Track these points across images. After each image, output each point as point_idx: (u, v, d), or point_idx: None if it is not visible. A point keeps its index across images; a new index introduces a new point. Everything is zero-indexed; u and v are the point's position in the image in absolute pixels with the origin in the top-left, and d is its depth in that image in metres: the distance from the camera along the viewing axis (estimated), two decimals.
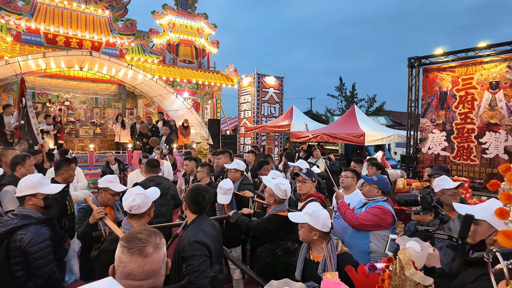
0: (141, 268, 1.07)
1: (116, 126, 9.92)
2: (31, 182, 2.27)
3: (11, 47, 10.02)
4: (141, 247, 1.09)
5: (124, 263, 1.07)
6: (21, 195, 2.24)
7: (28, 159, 3.61)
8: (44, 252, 2.10)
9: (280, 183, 2.49)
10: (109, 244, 1.92)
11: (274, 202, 2.53)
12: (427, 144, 7.26)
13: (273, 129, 11.41)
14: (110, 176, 2.76)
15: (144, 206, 2.06)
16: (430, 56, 7.27)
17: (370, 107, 20.74)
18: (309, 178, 2.96)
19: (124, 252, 1.09)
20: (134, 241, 1.10)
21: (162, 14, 13.51)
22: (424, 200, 2.18)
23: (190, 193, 2.16)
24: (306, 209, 2.01)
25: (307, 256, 2.05)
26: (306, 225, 1.96)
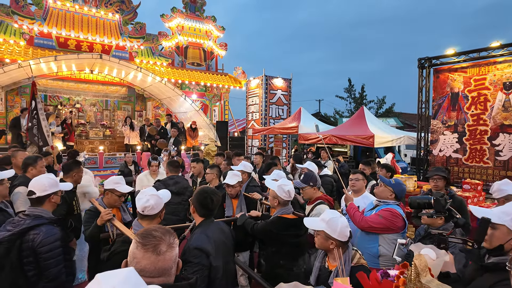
0: (153, 265, 1.08)
1: (125, 129, 10.02)
2: (53, 181, 2.32)
3: (24, 51, 10.23)
4: (156, 244, 1.10)
5: (137, 259, 1.09)
6: (46, 193, 2.24)
7: (39, 160, 3.67)
8: (54, 253, 2.11)
9: (282, 184, 2.45)
10: (120, 245, 1.91)
11: (278, 204, 2.48)
12: (438, 146, 7.13)
13: (281, 131, 11.37)
14: (116, 177, 2.76)
15: (157, 207, 2.06)
16: (441, 56, 7.16)
17: (379, 108, 20.53)
18: (306, 185, 2.91)
19: (138, 248, 1.10)
20: (149, 238, 1.12)
21: (171, 17, 13.64)
22: (437, 203, 2.09)
23: (198, 196, 2.12)
24: (323, 215, 1.92)
25: (323, 263, 2.00)
26: (322, 233, 1.88)
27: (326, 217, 1.89)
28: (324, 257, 2.01)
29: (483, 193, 5.24)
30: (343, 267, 1.76)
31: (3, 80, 8.59)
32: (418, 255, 1.17)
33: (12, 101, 10.68)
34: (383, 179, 2.94)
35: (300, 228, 2.43)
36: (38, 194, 2.22)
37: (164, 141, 8.99)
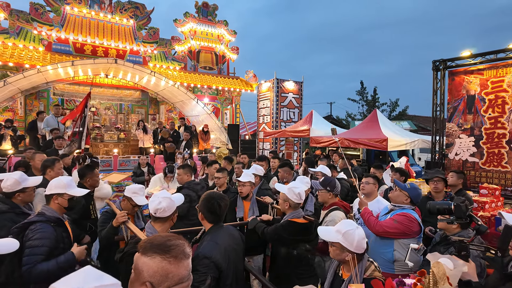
0: (187, 269, 1.09)
1: (139, 132, 10.19)
2: (61, 183, 2.38)
3: (43, 56, 10.56)
4: (183, 250, 1.10)
5: (173, 273, 1.05)
6: (49, 193, 2.35)
7: (57, 162, 3.77)
8: (36, 249, 2.08)
9: (293, 187, 2.44)
10: (133, 246, 1.95)
11: (289, 207, 2.47)
12: (454, 149, 6.97)
13: (292, 134, 11.33)
14: (136, 186, 2.80)
15: (169, 210, 2.08)
16: (457, 58, 7.02)
17: (392, 111, 20.21)
18: (323, 188, 2.88)
19: (171, 263, 1.05)
20: (175, 248, 1.09)
21: (184, 22, 13.84)
22: (458, 209, 1.99)
23: (205, 202, 2.11)
24: (339, 226, 1.87)
25: (337, 271, 1.97)
26: (338, 245, 1.82)
27: (342, 229, 1.83)
28: (339, 265, 1.98)
29: (501, 198, 5.08)
30: (358, 276, 1.73)
31: (23, 84, 8.87)
32: (437, 262, 1.14)
33: (31, 105, 11.03)
34: (398, 183, 2.90)
35: (311, 232, 2.42)
36: (45, 192, 2.37)
37: (172, 145, 9.10)
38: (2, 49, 9.99)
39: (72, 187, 2.43)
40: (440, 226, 2.45)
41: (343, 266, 1.92)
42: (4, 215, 2.47)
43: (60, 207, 2.37)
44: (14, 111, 10.46)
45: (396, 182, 2.96)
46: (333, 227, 1.90)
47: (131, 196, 2.70)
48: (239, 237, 2.25)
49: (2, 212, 2.48)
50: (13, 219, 2.47)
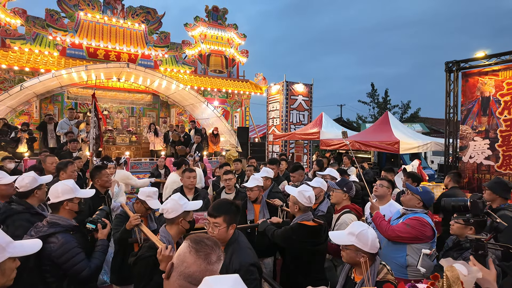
0: (202, 274, 1.05)
1: (150, 135, 10.33)
2: (68, 187, 2.25)
3: (57, 61, 10.82)
4: (208, 253, 1.09)
5: (188, 263, 1.07)
6: (58, 200, 2.21)
7: (70, 165, 3.84)
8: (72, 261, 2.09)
9: (303, 190, 2.42)
10: (146, 250, 1.95)
11: (298, 210, 2.45)
12: (468, 152, 6.82)
13: (302, 137, 11.29)
14: (150, 190, 2.83)
15: (173, 211, 2.07)
16: (470, 59, 6.89)
17: (404, 113, 19.91)
18: (339, 188, 2.86)
19: (191, 253, 1.09)
20: (202, 245, 1.11)
21: (194, 26, 14.00)
22: (475, 206, 1.87)
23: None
24: (351, 229, 1.86)
25: (349, 274, 1.95)
26: (353, 247, 1.81)
27: (355, 231, 1.82)
28: (351, 268, 1.96)
29: None
30: (371, 279, 1.70)
31: (38, 89, 9.10)
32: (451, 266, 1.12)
33: (46, 108, 11.30)
34: (410, 187, 2.86)
35: (320, 235, 2.40)
36: (52, 201, 2.22)
37: (183, 147, 9.18)
38: (18, 55, 10.29)
39: (79, 190, 2.35)
40: (453, 231, 2.39)
41: (355, 269, 1.90)
42: (20, 215, 2.53)
43: (71, 213, 2.28)
44: (29, 114, 10.74)
45: (408, 185, 2.92)
46: (344, 231, 1.88)
47: (145, 200, 2.72)
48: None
49: (18, 213, 2.54)
50: (29, 219, 2.52)
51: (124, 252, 2.65)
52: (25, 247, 1.56)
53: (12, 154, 6.82)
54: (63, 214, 2.24)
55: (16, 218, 2.49)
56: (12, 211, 2.54)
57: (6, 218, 2.50)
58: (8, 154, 6.45)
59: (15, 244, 1.49)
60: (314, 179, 3.43)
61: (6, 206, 2.63)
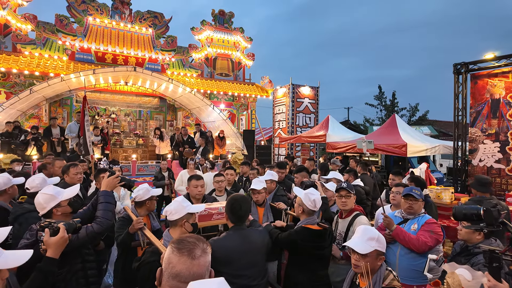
0: (188, 270, 1.08)
1: (155, 139, 10.38)
2: (47, 195, 2.17)
3: (67, 65, 11.00)
4: (190, 248, 1.12)
5: (173, 264, 1.10)
6: (46, 211, 2.16)
7: (72, 167, 3.87)
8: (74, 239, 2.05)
9: (309, 193, 2.39)
10: (149, 256, 1.94)
11: (302, 212, 2.43)
12: (478, 155, 6.70)
13: (308, 140, 11.22)
14: (143, 185, 2.86)
15: (177, 213, 2.07)
16: (479, 61, 6.78)
17: (412, 116, 19.67)
18: (353, 192, 2.82)
19: (174, 253, 1.12)
20: (184, 243, 1.14)
21: (201, 30, 14.10)
22: (488, 214, 1.72)
23: (228, 203, 2.27)
24: (367, 234, 1.81)
25: (354, 279, 1.91)
26: (374, 252, 1.75)
27: (373, 235, 1.78)
28: (356, 273, 1.91)
29: None
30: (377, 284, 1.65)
31: (48, 92, 9.26)
32: (452, 273, 1.09)
33: (55, 112, 11.47)
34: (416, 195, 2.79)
35: (324, 239, 2.37)
36: (41, 213, 2.18)
37: (190, 150, 9.21)
38: (29, 59, 10.49)
39: (61, 192, 2.25)
40: (461, 236, 2.32)
41: (360, 274, 1.86)
42: (32, 213, 2.56)
43: (66, 215, 2.24)
44: (39, 118, 10.92)
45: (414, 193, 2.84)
46: (359, 237, 1.81)
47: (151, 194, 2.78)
48: (257, 241, 2.26)
49: (30, 211, 2.58)
50: (39, 217, 2.56)
51: (127, 255, 2.65)
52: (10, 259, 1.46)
53: (21, 157, 6.94)
54: (57, 218, 2.19)
55: (29, 216, 2.53)
56: (25, 210, 2.59)
57: (18, 216, 2.55)
58: (17, 156, 6.56)
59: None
60: (329, 183, 3.42)
61: (18, 205, 2.69)
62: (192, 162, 5.77)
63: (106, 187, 2.41)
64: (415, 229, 2.67)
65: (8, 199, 2.97)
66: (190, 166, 5.71)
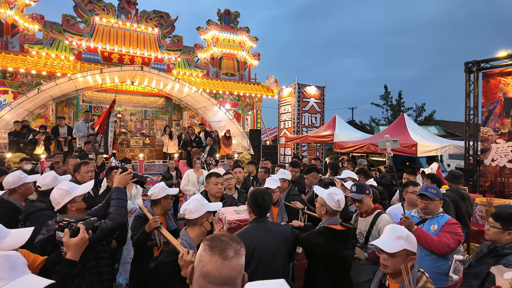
0: (219, 271, 1.02)
1: (165, 137, 10.37)
2: (62, 190, 2.20)
3: (73, 65, 11.03)
4: (223, 248, 1.06)
5: (204, 262, 1.06)
6: (61, 206, 2.18)
7: (82, 166, 3.86)
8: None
9: (333, 193, 2.31)
10: (166, 255, 1.89)
11: (325, 213, 2.35)
12: (490, 155, 6.59)
13: (315, 139, 11.14)
14: (160, 183, 2.82)
15: (196, 212, 2.02)
16: (491, 59, 6.68)
17: (418, 116, 19.50)
18: (363, 195, 2.74)
19: (205, 250, 1.07)
20: (216, 241, 1.09)
21: (207, 29, 14.09)
22: None
23: (251, 196, 2.31)
24: (394, 232, 1.75)
25: (383, 281, 1.84)
26: (404, 252, 1.69)
27: (402, 233, 1.72)
28: (385, 275, 1.84)
29: None
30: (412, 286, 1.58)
31: (55, 92, 9.26)
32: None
33: (61, 111, 11.50)
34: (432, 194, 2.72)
35: (348, 240, 2.30)
36: (56, 208, 2.20)
37: (197, 149, 9.17)
38: (36, 59, 10.52)
39: (76, 188, 2.27)
40: (489, 236, 2.24)
41: (390, 276, 1.79)
42: (44, 211, 2.54)
43: (81, 211, 2.26)
44: (46, 117, 10.95)
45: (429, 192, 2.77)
46: (388, 237, 1.75)
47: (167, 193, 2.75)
48: (279, 233, 2.28)
49: (42, 209, 2.55)
50: (51, 216, 2.52)
51: (142, 255, 2.61)
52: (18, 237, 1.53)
53: (30, 156, 6.93)
54: (71, 213, 2.23)
55: (40, 215, 2.51)
56: (36, 208, 2.56)
57: (30, 215, 2.53)
58: (25, 155, 6.56)
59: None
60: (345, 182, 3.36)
61: (30, 204, 2.68)
62: (199, 162, 5.72)
63: (118, 183, 2.40)
64: (435, 230, 2.60)
65: (21, 197, 2.94)
66: (197, 166, 5.67)
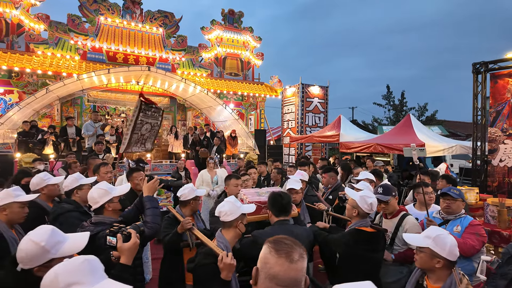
0: (286, 274, 1.04)
1: (170, 137, 10.39)
2: (102, 190, 2.25)
3: (79, 65, 11.01)
4: (288, 251, 1.08)
5: (270, 264, 1.07)
6: (99, 205, 2.23)
7: (102, 166, 3.90)
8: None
9: (366, 196, 2.34)
10: (203, 257, 1.90)
11: (357, 215, 2.37)
12: (498, 156, 6.65)
13: (321, 139, 11.17)
14: (189, 184, 2.85)
15: (231, 214, 2.04)
16: (500, 60, 6.73)
17: (420, 116, 19.56)
18: (390, 196, 2.77)
19: (271, 253, 1.08)
20: (281, 244, 1.11)
21: (211, 29, 14.09)
22: None
23: (270, 198, 2.33)
24: (428, 232, 1.81)
25: (420, 281, 1.86)
26: (428, 250, 1.74)
27: (431, 234, 1.76)
28: (422, 275, 1.87)
29: None
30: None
31: (62, 92, 9.25)
32: None
33: (67, 111, 11.49)
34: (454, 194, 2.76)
35: (378, 242, 2.33)
36: (93, 207, 2.24)
37: (206, 150, 9.20)
38: (42, 59, 10.50)
39: (114, 189, 2.34)
40: None
41: (428, 277, 1.82)
42: (71, 213, 2.55)
43: (115, 212, 2.30)
44: (51, 117, 10.94)
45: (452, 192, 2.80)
46: (419, 234, 1.81)
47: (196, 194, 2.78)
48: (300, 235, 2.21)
49: (69, 211, 2.56)
50: (79, 217, 2.54)
51: (172, 256, 2.63)
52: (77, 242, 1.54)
53: (39, 156, 6.94)
54: (107, 214, 2.27)
55: (68, 216, 2.51)
56: (64, 209, 2.57)
57: (58, 216, 2.53)
58: (37, 156, 6.57)
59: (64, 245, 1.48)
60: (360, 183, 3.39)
61: (57, 205, 2.70)
62: (212, 161, 5.76)
63: (148, 192, 2.47)
64: (458, 231, 2.64)
65: (46, 198, 2.96)
66: (210, 165, 5.70)
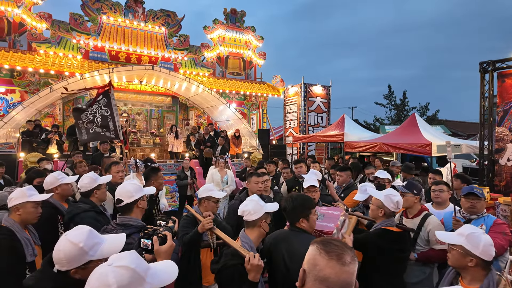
0: (337, 276, 1.01)
1: (170, 136, 10.33)
2: (137, 186, 2.23)
3: (81, 64, 10.94)
4: (339, 253, 1.04)
5: (320, 266, 1.04)
6: (133, 199, 2.16)
7: (113, 165, 3.87)
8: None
9: (391, 194, 2.30)
10: (230, 258, 1.85)
11: (383, 215, 2.32)
12: (505, 155, 6.62)
13: (324, 139, 11.14)
14: (209, 185, 2.81)
15: (255, 213, 2.00)
16: (507, 59, 6.71)
17: (422, 116, 19.59)
18: (409, 192, 2.73)
19: (321, 255, 1.05)
20: (331, 246, 1.07)
21: (213, 28, 14.05)
22: None
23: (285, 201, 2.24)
24: (461, 229, 1.77)
25: (454, 282, 1.82)
26: (460, 247, 1.70)
27: (464, 231, 1.72)
28: (456, 276, 1.82)
29: None
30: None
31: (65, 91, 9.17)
32: None
33: (69, 111, 11.40)
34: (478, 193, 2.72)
35: (405, 242, 2.29)
36: (126, 201, 2.16)
37: (210, 150, 9.14)
38: (44, 58, 10.43)
39: (143, 188, 2.30)
40: None
41: (462, 277, 1.78)
42: (88, 213, 2.52)
43: (142, 211, 2.25)
44: (54, 116, 10.86)
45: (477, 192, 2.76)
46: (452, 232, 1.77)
47: (210, 194, 2.69)
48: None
49: (86, 211, 2.53)
50: (95, 217, 2.51)
51: (190, 255, 2.59)
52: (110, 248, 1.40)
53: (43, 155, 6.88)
54: (135, 214, 2.20)
55: (84, 216, 2.47)
56: (80, 209, 2.53)
57: (74, 216, 2.49)
58: (42, 155, 6.51)
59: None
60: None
61: (73, 205, 2.66)
62: (222, 161, 5.73)
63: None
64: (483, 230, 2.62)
65: (60, 198, 2.92)
66: (221, 165, 5.68)
